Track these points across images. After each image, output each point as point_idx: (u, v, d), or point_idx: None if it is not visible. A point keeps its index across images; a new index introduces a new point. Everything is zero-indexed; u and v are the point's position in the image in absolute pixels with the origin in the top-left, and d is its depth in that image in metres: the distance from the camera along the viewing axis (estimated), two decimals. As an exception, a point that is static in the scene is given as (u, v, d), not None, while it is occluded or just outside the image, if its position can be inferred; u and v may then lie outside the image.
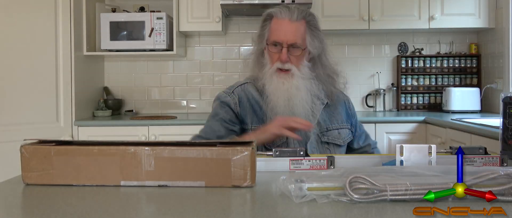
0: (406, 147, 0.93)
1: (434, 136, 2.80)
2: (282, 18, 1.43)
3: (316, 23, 1.48)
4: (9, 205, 0.79)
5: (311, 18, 1.47)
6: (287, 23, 1.42)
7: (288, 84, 1.42)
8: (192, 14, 3.18)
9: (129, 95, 3.54)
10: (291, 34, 1.41)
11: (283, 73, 1.43)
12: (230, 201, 0.76)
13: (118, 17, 3.14)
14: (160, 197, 0.79)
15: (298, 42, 1.42)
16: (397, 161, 0.93)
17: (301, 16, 1.44)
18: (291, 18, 1.42)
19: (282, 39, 1.41)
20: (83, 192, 0.83)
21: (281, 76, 1.43)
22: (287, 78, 1.42)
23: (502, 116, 1.13)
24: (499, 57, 3.17)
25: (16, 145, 0.92)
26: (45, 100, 2.85)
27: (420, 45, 3.52)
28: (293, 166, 1.01)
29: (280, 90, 1.42)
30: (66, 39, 2.90)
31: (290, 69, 1.43)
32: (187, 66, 3.55)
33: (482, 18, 3.18)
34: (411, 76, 3.49)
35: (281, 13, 1.44)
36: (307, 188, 0.74)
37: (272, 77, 1.44)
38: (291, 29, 1.42)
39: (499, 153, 1.09)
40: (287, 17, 1.43)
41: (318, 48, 1.48)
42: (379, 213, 0.68)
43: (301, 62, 1.44)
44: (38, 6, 2.80)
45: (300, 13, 1.44)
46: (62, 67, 2.89)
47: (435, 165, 0.92)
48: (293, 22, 1.42)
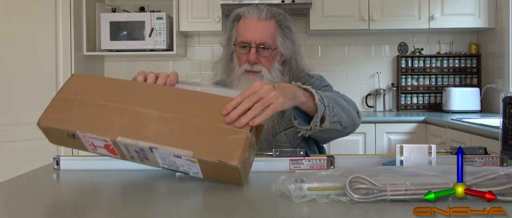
0: (406, 147, 0.93)
1: (434, 136, 2.80)
2: (250, 17, 1.35)
3: (287, 23, 1.39)
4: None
5: (282, 18, 1.38)
6: (255, 22, 1.34)
7: None
8: (192, 14, 3.18)
9: (129, 95, 3.54)
10: (259, 33, 1.32)
11: (252, 74, 1.33)
12: (230, 201, 0.76)
13: (118, 17, 3.14)
14: (160, 196, 0.79)
15: (267, 42, 1.33)
16: (397, 161, 0.93)
17: (270, 15, 1.35)
18: (260, 16, 1.34)
19: (250, 38, 1.32)
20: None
21: (250, 78, 1.32)
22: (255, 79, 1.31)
23: (502, 116, 1.13)
24: (499, 57, 3.17)
25: (16, 145, 0.92)
26: (45, 100, 2.82)
27: (420, 45, 3.52)
28: (293, 166, 1.01)
29: None
30: (66, 39, 2.90)
31: (260, 71, 1.33)
32: (187, 66, 3.55)
33: (482, 18, 3.18)
34: (411, 76, 3.49)
35: (249, 12, 1.35)
36: (307, 188, 0.74)
37: (240, 80, 1.34)
38: (259, 28, 1.33)
39: (499, 153, 1.09)
40: (255, 16, 1.34)
41: (290, 49, 1.39)
42: (379, 213, 0.68)
43: (272, 64, 1.35)
44: (38, 6, 2.80)
45: (269, 12, 1.35)
46: (62, 67, 2.89)
47: (435, 165, 0.92)
48: (261, 21, 1.34)
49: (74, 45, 2.93)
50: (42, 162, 1.05)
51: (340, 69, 3.53)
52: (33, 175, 1.00)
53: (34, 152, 2.74)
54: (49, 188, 0.87)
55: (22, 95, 2.75)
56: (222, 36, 3.50)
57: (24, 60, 2.76)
